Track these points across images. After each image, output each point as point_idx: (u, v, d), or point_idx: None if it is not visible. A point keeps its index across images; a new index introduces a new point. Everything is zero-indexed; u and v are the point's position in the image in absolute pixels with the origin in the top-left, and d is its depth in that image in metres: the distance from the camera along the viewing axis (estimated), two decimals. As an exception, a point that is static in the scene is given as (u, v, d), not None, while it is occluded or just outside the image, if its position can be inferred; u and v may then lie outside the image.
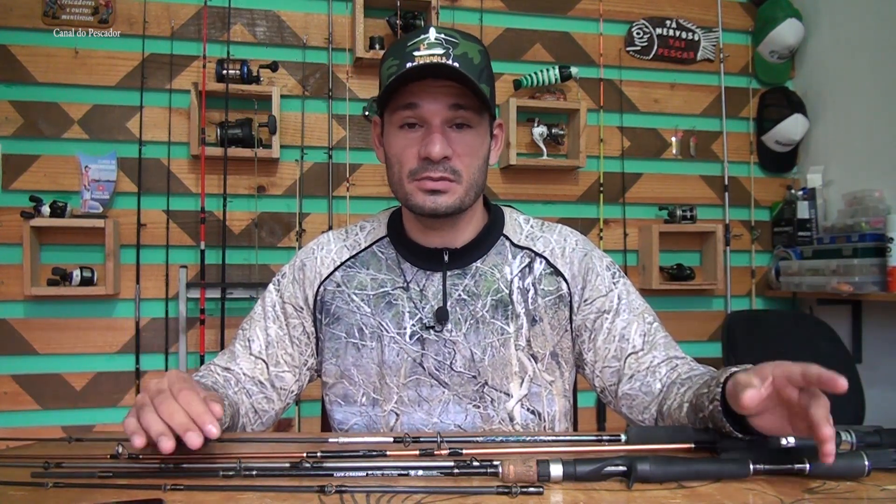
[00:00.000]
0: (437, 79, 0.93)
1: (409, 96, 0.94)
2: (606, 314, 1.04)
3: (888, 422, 0.88)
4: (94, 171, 2.40)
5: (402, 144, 0.97)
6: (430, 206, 0.96)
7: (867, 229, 2.52)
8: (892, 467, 0.67)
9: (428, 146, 0.93)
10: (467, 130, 0.96)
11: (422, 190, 0.96)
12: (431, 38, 0.93)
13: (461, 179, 0.96)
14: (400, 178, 0.98)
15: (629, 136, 2.96)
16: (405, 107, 0.95)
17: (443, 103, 0.94)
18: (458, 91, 0.94)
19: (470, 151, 0.96)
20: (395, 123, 0.97)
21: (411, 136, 0.96)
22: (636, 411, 1.00)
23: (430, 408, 1.02)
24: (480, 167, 0.99)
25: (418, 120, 0.95)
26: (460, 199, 0.96)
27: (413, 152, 0.95)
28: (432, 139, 0.93)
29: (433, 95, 0.93)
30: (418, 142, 0.95)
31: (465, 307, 1.02)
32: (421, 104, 0.94)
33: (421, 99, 0.94)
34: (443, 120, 0.94)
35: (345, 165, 2.67)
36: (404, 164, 0.97)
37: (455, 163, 0.95)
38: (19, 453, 0.79)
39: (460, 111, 0.95)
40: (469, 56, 0.94)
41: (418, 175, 0.95)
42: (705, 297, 3.02)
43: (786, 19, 2.95)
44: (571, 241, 1.08)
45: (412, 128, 0.96)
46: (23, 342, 2.42)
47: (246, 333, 1.08)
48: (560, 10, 2.91)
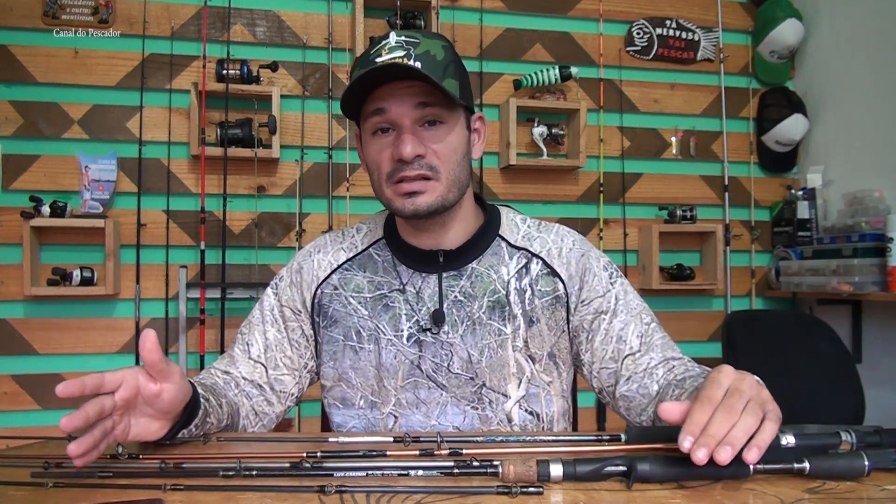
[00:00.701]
0: (401, 80, 0.93)
1: (376, 102, 0.95)
2: (604, 315, 1.03)
3: (888, 422, 0.88)
4: (94, 171, 2.40)
5: (377, 150, 0.97)
6: (409, 209, 0.95)
7: (867, 229, 2.52)
8: (892, 467, 0.67)
9: (399, 147, 0.93)
10: (439, 126, 0.96)
11: (399, 194, 0.95)
12: (392, 43, 0.94)
13: (440, 176, 0.96)
14: (380, 184, 0.98)
15: (629, 136, 2.96)
16: (374, 113, 0.95)
17: (409, 104, 0.94)
18: (423, 89, 0.93)
19: (444, 147, 0.96)
20: (369, 131, 0.98)
21: (384, 140, 0.96)
22: (634, 413, 1.00)
23: (428, 410, 1.01)
24: (459, 162, 0.98)
25: (389, 124, 0.95)
26: (442, 197, 0.96)
27: (387, 156, 0.96)
28: (403, 139, 0.93)
29: (399, 97, 0.94)
30: (391, 145, 0.95)
31: (461, 309, 1.02)
32: (388, 108, 0.94)
33: (387, 102, 0.94)
34: (412, 120, 0.94)
35: (345, 165, 2.67)
36: (381, 168, 0.97)
37: (431, 159, 0.95)
38: (19, 453, 0.79)
39: (428, 108, 0.94)
40: (431, 53, 0.94)
41: (394, 177, 0.95)
42: (705, 297, 3.02)
43: (786, 19, 2.95)
44: (569, 242, 1.08)
45: (385, 132, 0.96)
46: (23, 342, 2.42)
47: (245, 337, 1.08)
48: (560, 10, 2.91)
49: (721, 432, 0.61)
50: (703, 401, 0.64)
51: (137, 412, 0.75)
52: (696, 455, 0.60)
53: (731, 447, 0.60)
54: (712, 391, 0.65)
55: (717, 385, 0.66)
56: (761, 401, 0.65)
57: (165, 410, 0.76)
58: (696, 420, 0.63)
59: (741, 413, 0.63)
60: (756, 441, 0.62)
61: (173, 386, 0.75)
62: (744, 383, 0.66)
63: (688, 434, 0.62)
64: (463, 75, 0.99)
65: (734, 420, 0.62)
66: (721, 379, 0.67)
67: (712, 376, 0.68)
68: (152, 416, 0.76)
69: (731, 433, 0.61)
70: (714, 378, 0.67)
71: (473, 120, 1.04)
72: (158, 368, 0.74)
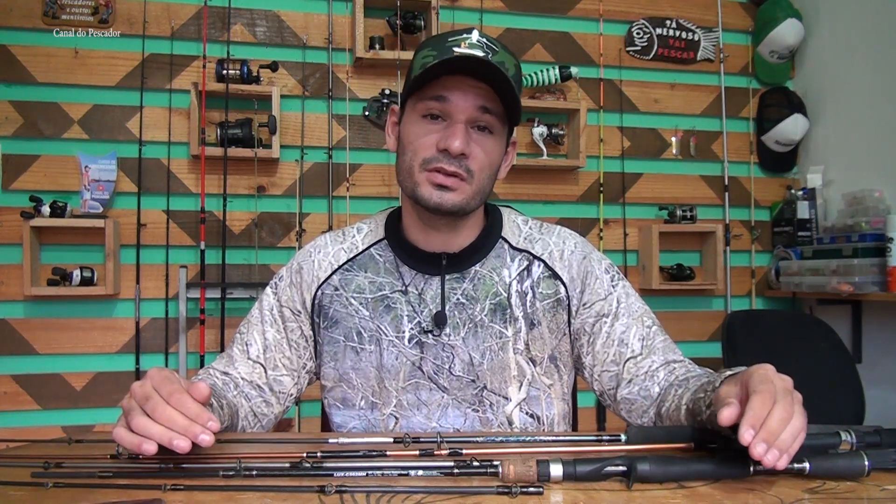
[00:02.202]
0: (472, 77, 0.93)
1: (439, 89, 0.94)
2: (605, 318, 1.03)
3: (888, 422, 0.88)
4: (94, 171, 2.40)
5: (421, 133, 0.96)
6: (435, 201, 0.95)
7: (867, 229, 2.52)
8: (892, 467, 0.67)
9: (449, 139, 0.93)
10: (488, 135, 0.97)
11: (431, 182, 0.95)
12: (473, 40, 0.94)
13: (472, 181, 0.96)
14: (411, 167, 0.97)
15: (629, 136, 2.96)
16: (433, 98, 0.95)
17: (472, 102, 0.94)
18: (488, 94, 0.94)
19: (486, 155, 0.97)
20: (419, 112, 0.97)
21: (432, 126, 0.96)
22: (635, 415, 1.00)
23: (428, 411, 1.01)
24: (490, 175, 0.99)
25: (443, 114, 0.95)
26: (466, 201, 0.96)
27: (431, 142, 0.95)
28: (455, 132, 0.93)
29: (464, 92, 0.94)
30: (438, 133, 0.95)
31: (463, 311, 1.02)
32: (451, 98, 0.94)
33: (451, 93, 0.94)
34: (468, 118, 0.95)
35: (345, 165, 2.67)
36: (419, 152, 0.96)
37: (470, 163, 0.95)
38: (19, 453, 0.79)
39: (486, 114, 0.95)
40: (506, 66, 0.94)
41: (431, 165, 0.95)
42: (705, 297, 3.02)
43: (786, 19, 2.95)
44: (570, 244, 1.08)
45: (434, 119, 0.96)
46: (23, 342, 2.42)
47: (244, 337, 1.08)
48: (560, 10, 2.91)
49: (779, 429, 0.62)
50: (764, 395, 0.64)
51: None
52: (755, 449, 0.60)
53: (779, 451, 0.61)
54: (769, 386, 0.66)
55: (770, 382, 0.66)
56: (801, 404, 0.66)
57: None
58: (758, 413, 0.63)
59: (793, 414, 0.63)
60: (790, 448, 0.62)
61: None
62: (788, 383, 0.68)
63: (750, 426, 0.61)
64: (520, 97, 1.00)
65: (789, 419, 0.63)
66: (772, 376, 0.68)
67: (762, 373, 0.68)
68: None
69: (783, 436, 0.62)
70: (764, 375, 0.68)
71: (510, 142, 1.05)
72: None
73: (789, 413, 0.63)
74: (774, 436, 0.61)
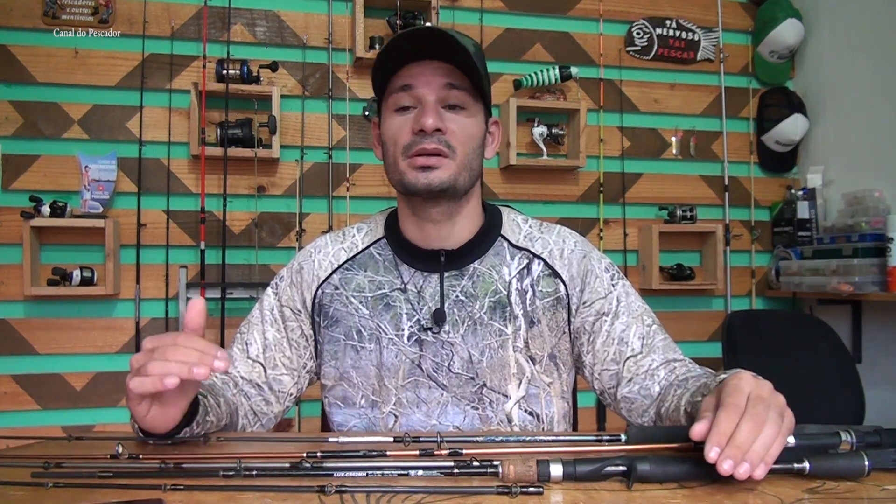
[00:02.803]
0: (431, 61, 0.95)
1: (404, 79, 0.97)
2: (605, 316, 1.03)
3: (888, 422, 0.88)
4: (94, 171, 2.40)
5: (398, 126, 0.98)
6: (423, 182, 0.96)
7: (867, 229, 2.52)
8: (892, 467, 0.67)
9: (421, 118, 0.95)
10: (461, 111, 0.98)
11: (414, 167, 0.96)
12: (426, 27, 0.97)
13: (455, 155, 0.97)
14: (395, 159, 0.99)
15: (629, 136, 2.96)
16: (400, 89, 0.97)
17: (437, 83, 0.96)
18: (451, 72, 0.96)
19: (464, 131, 0.98)
20: (391, 107, 0.99)
21: (406, 116, 0.98)
22: (635, 414, 1.00)
23: (428, 409, 1.01)
24: (475, 150, 1.00)
25: (413, 102, 0.97)
26: (454, 176, 0.97)
27: (407, 129, 0.97)
28: (426, 110, 0.95)
29: (427, 76, 0.96)
30: (412, 121, 0.97)
31: (462, 308, 1.02)
32: (416, 84, 0.96)
33: (415, 79, 0.96)
34: (437, 98, 0.96)
35: (345, 165, 2.67)
36: (398, 142, 0.98)
37: (449, 137, 0.97)
38: (19, 453, 0.79)
39: (454, 91, 0.97)
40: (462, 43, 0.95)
41: (412, 150, 0.96)
42: (705, 297, 3.02)
43: (786, 19, 2.95)
44: (570, 243, 1.08)
45: (406, 110, 0.98)
46: (23, 342, 2.42)
47: (244, 337, 1.08)
48: (560, 10, 2.91)
49: (748, 443, 0.61)
50: (729, 409, 0.64)
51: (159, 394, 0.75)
52: (721, 466, 0.60)
53: (750, 464, 0.60)
54: (736, 398, 0.65)
55: (739, 392, 0.66)
56: (779, 409, 0.66)
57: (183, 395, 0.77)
58: (722, 430, 0.62)
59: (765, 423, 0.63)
60: (766, 457, 0.62)
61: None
62: (764, 390, 0.67)
63: (714, 445, 0.61)
64: (487, 76, 1.01)
65: (759, 431, 0.62)
66: (742, 385, 0.67)
67: (733, 382, 0.68)
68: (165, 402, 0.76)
69: (753, 448, 0.61)
70: (735, 385, 0.67)
71: (490, 122, 1.06)
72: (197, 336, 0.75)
73: (758, 423, 0.62)
74: (742, 450, 0.61)
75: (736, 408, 0.64)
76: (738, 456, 0.60)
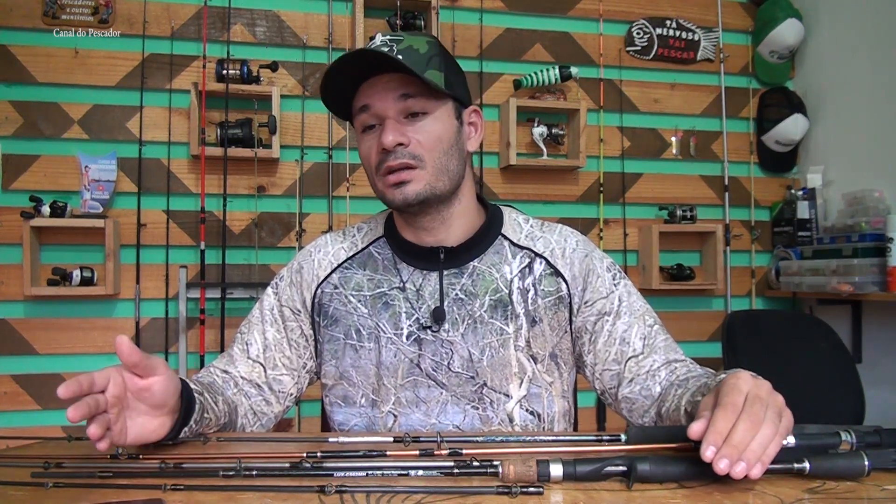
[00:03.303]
0: (381, 74, 0.95)
1: (361, 99, 0.97)
2: (607, 316, 1.03)
3: (888, 422, 0.88)
4: (94, 171, 2.40)
5: (367, 146, 0.99)
6: (399, 199, 0.96)
7: (867, 229, 2.52)
8: (892, 467, 0.67)
9: (381, 137, 0.95)
10: (423, 117, 0.97)
11: (388, 185, 0.97)
12: (377, 42, 0.96)
13: (424, 164, 0.96)
14: (372, 179, 1.00)
15: (629, 136, 2.96)
16: (361, 110, 0.98)
17: (391, 97, 0.95)
18: (404, 81, 0.95)
19: (429, 137, 0.97)
20: (359, 130, 1.00)
21: (372, 135, 0.98)
22: (636, 414, 1.00)
23: (427, 409, 1.01)
24: (447, 151, 0.98)
25: (375, 120, 0.97)
26: (429, 185, 0.96)
27: (375, 149, 0.97)
28: (384, 129, 0.95)
29: (381, 92, 0.96)
30: (378, 139, 0.97)
31: (462, 307, 1.02)
32: (372, 103, 0.96)
33: (371, 98, 0.96)
34: (396, 112, 0.96)
35: (345, 165, 2.67)
36: (371, 162, 0.99)
37: (414, 148, 0.96)
38: (19, 453, 0.79)
39: (410, 100, 0.96)
40: (414, 47, 0.95)
41: (381, 169, 0.97)
42: (705, 297, 3.02)
43: (786, 19, 2.95)
44: (572, 242, 1.08)
45: (372, 129, 0.98)
46: (23, 342, 2.42)
47: (244, 337, 1.08)
48: (560, 10, 2.91)
49: (744, 442, 0.61)
50: (727, 408, 0.64)
51: (132, 411, 0.75)
52: (717, 465, 0.60)
53: (746, 463, 0.60)
54: (734, 398, 0.65)
55: (737, 391, 0.66)
56: (777, 408, 0.66)
57: (159, 404, 0.76)
58: (718, 429, 0.62)
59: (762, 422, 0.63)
60: (763, 457, 0.62)
61: (161, 377, 0.76)
62: (762, 389, 0.67)
63: (710, 444, 0.61)
64: (450, 67, 1.00)
65: (756, 430, 0.62)
66: (740, 385, 0.67)
67: (731, 382, 0.68)
68: (148, 412, 0.76)
69: (750, 447, 0.61)
70: (733, 384, 0.67)
71: (468, 113, 1.05)
72: (142, 366, 0.74)
73: (755, 423, 0.62)
74: (739, 450, 0.61)
75: (733, 407, 0.64)
76: (734, 455, 0.60)
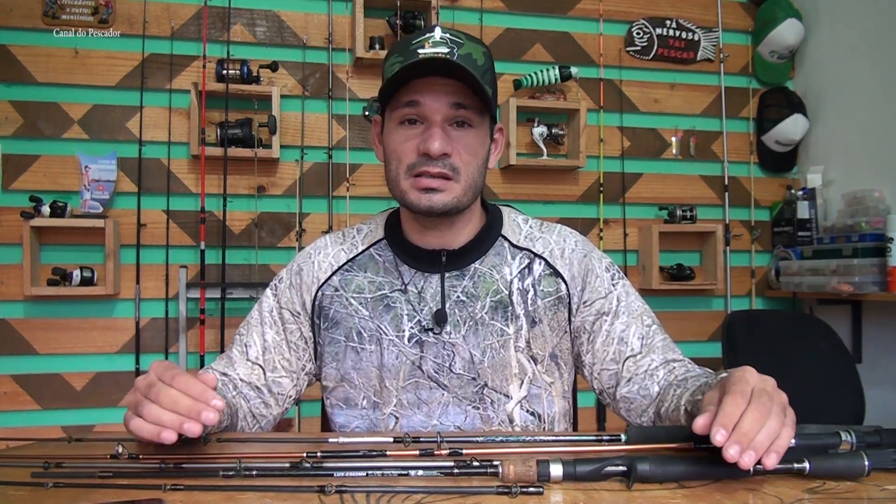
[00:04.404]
0: (440, 76, 0.93)
1: (411, 93, 0.94)
2: (605, 316, 1.03)
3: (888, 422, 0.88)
4: (94, 171, 2.40)
5: (402, 140, 0.96)
6: (425, 205, 0.95)
7: (867, 229, 2.52)
8: (892, 467, 0.67)
9: (427, 141, 0.93)
10: (468, 129, 0.96)
11: (417, 188, 0.95)
12: (437, 37, 0.94)
13: (459, 178, 0.96)
14: (397, 175, 0.97)
15: (629, 136, 2.96)
16: (407, 104, 0.95)
17: (444, 101, 0.94)
18: (460, 90, 0.94)
19: (469, 150, 0.96)
20: (396, 120, 0.97)
21: (411, 132, 0.96)
22: (634, 414, 1.00)
23: (429, 410, 1.01)
24: (479, 168, 0.99)
25: (419, 117, 0.95)
26: (457, 199, 0.96)
27: (412, 147, 0.95)
28: (432, 134, 0.93)
29: (435, 93, 0.93)
30: (418, 137, 0.95)
31: (463, 309, 1.01)
32: (423, 101, 0.94)
33: (423, 96, 0.94)
34: (444, 117, 0.94)
35: (345, 165, 2.67)
36: (402, 159, 0.96)
37: (454, 160, 0.95)
38: (19, 453, 0.79)
39: (461, 110, 0.95)
40: (473, 57, 0.94)
41: (416, 170, 0.95)
42: (705, 297, 3.02)
43: (786, 19, 2.95)
44: (571, 242, 1.08)
45: (412, 124, 0.96)
46: (23, 342, 2.42)
47: (243, 339, 1.08)
48: (560, 10, 2.91)
49: (753, 430, 0.61)
50: (736, 395, 0.64)
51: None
52: (727, 452, 0.60)
53: (755, 452, 0.60)
54: (742, 387, 0.66)
55: (745, 382, 0.67)
56: (782, 404, 0.66)
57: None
58: (728, 413, 0.62)
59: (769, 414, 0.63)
60: (775, 446, 0.62)
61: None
62: (768, 384, 0.67)
63: (721, 426, 0.61)
64: (495, 84, 1.00)
65: (763, 421, 0.62)
66: (748, 377, 0.68)
67: (738, 375, 0.68)
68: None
69: (758, 437, 0.61)
70: (740, 376, 0.68)
71: (495, 130, 1.05)
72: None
73: (763, 414, 0.63)
74: (748, 437, 0.61)
75: (742, 395, 0.64)
76: (744, 443, 0.60)
